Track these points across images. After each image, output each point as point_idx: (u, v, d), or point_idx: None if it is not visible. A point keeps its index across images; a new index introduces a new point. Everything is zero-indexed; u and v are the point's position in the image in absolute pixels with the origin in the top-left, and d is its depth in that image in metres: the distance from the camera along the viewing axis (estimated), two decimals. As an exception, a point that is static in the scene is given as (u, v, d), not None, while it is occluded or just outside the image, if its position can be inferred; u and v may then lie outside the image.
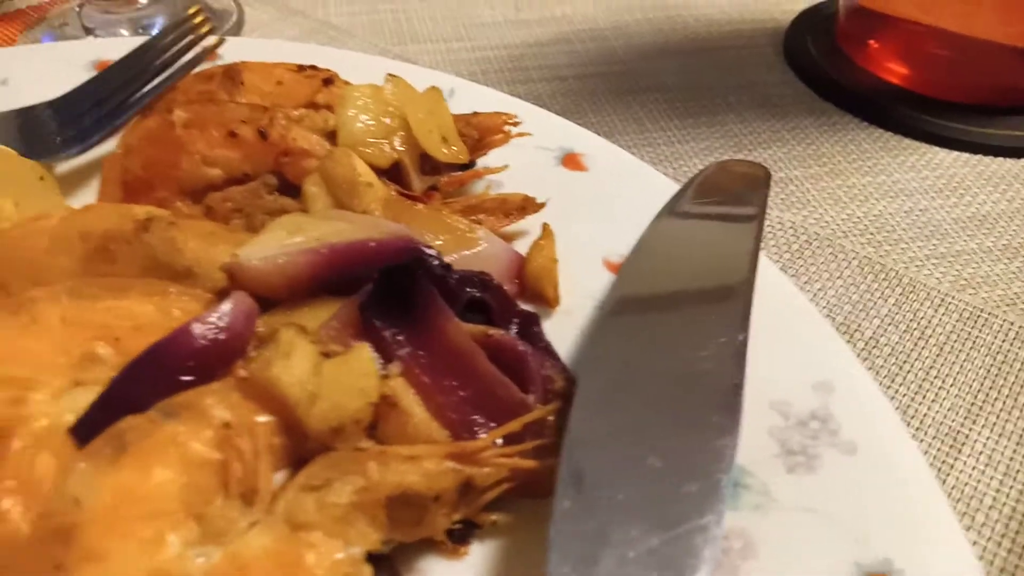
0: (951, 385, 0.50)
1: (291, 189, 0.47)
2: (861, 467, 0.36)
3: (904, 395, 0.49)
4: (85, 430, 0.36)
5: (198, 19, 0.61)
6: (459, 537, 0.38)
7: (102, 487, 0.32)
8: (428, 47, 0.84)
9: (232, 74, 0.54)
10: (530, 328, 0.44)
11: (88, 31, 0.85)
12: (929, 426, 0.48)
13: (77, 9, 0.87)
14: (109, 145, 0.57)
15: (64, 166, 0.57)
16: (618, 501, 0.32)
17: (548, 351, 0.43)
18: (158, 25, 0.85)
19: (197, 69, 0.57)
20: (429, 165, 0.49)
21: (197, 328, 0.37)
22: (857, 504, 0.34)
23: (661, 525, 0.31)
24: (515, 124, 0.51)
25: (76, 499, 0.32)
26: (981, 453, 0.46)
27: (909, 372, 0.51)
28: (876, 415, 0.37)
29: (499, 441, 0.37)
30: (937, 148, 0.70)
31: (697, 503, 0.32)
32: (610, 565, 0.30)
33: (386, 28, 0.88)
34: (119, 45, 0.64)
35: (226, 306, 0.38)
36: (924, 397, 0.49)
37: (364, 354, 0.36)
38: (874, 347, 0.52)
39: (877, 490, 0.35)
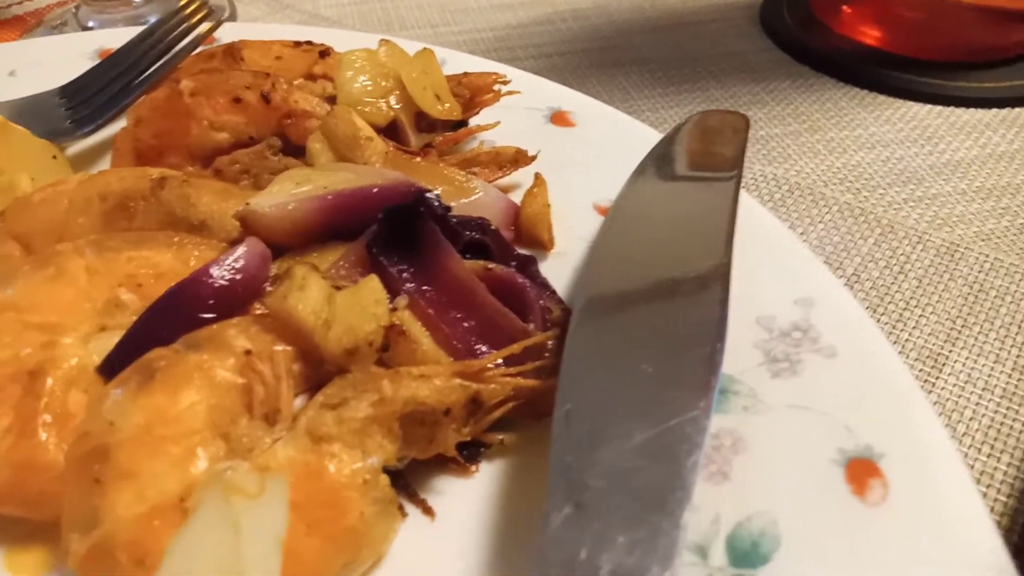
0: (930, 313, 0.53)
1: (294, 150, 0.49)
2: (841, 367, 0.38)
3: (887, 323, 0.52)
4: (112, 366, 0.38)
5: (195, 4, 0.64)
6: (469, 456, 0.40)
7: (134, 411, 0.35)
8: (416, 32, 0.87)
9: (232, 52, 0.57)
10: (527, 268, 0.46)
11: (85, 31, 0.87)
12: (911, 350, 0.50)
13: (74, 10, 0.89)
14: (114, 127, 0.60)
15: (73, 147, 0.60)
16: (614, 403, 0.34)
17: (545, 286, 0.45)
18: (152, 22, 0.87)
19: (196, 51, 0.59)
20: (425, 123, 0.51)
21: (215, 270, 0.39)
22: (839, 399, 0.37)
23: (654, 420, 0.33)
24: (504, 83, 0.54)
25: (111, 422, 0.35)
26: (960, 372, 0.49)
27: (890, 303, 0.53)
28: (853, 322, 0.40)
29: (502, 363, 0.40)
30: (911, 102, 0.72)
31: (686, 400, 0.34)
32: (609, 454, 0.32)
33: (374, 17, 0.90)
34: (120, 35, 0.67)
35: (241, 250, 0.40)
36: (905, 324, 0.52)
37: (374, 283, 0.38)
38: (856, 282, 0.55)
39: (857, 386, 0.37)
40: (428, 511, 0.38)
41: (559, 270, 0.48)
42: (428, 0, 0.93)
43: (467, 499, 0.39)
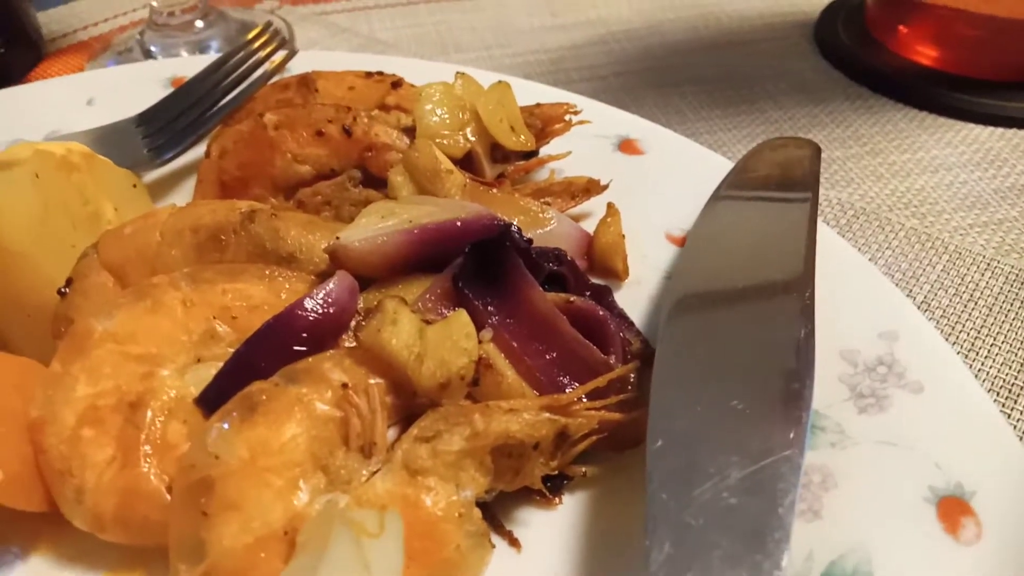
0: (1002, 342, 0.52)
1: (374, 182, 0.51)
2: (928, 404, 0.38)
3: (959, 352, 0.52)
4: (212, 398, 0.40)
5: (267, 35, 0.65)
6: (553, 488, 0.41)
7: (238, 444, 0.36)
8: (471, 55, 0.88)
9: (307, 82, 0.58)
10: (604, 299, 0.47)
11: (149, 55, 0.90)
12: (984, 380, 0.50)
13: (139, 36, 0.92)
14: (190, 155, 0.61)
15: (149, 175, 0.62)
16: (707, 438, 0.35)
17: (623, 317, 0.46)
18: (214, 47, 0.89)
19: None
20: (499, 154, 0.52)
21: (308, 304, 0.41)
22: (927, 436, 0.37)
23: (750, 457, 0.34)
24: (575, 113, 0.55)
25: (216, 455, 0.36)
26: (1037, 403, 0.49)
27: (961, 331, 0.53)
28: (939, 357, 0.40)
29: (585, 398, 0.40)
30: (972, 124, 0.72)
31: (781, 438, 0.34)
32: (706, 491, 0.33)
33: (429, 40, 0.92)
34: (194, 63, 0.68)
35: (331, 284, 0.42)
36: (977, 354, 0.52)
37: (463, 318, 0.39)
38: (926, 310, 0.54)
39: (945, 423, 0.37)
40: (515, 543, 0.39)
41: (633, 299, 0.49)
42: (482, 22, 0.94)
43: (551, 530, 0.40)
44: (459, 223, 0.44)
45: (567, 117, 0.55)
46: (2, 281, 0.47)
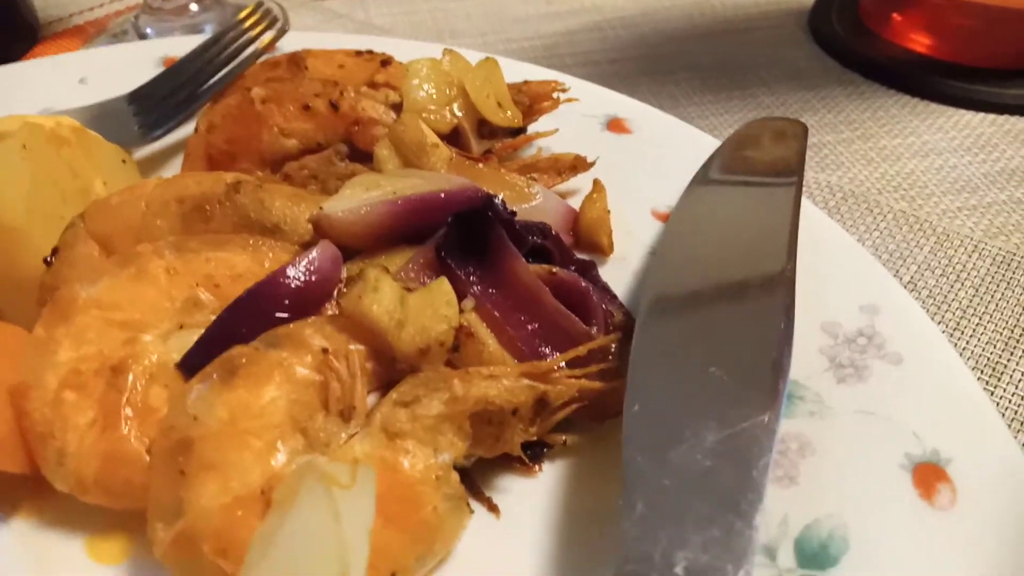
0: (988, 321, 0.52)
1: (360, 156, 0.51)
2: (907, 374, 0.38)
3: (944, 332, 0.52)
4: (192, 363, 0.40)
5: (258, 14, 0.66)
6: (533, 456, 0.41)
7: (218, 405, 0.36)
8: (466, 41, 0.88)
9: (297, 60, 0.58)
10: (588, 272, 0.47)
11: (144, 39, 0.90)
12: (969, 358, 0.50)
13: (134, 20, 0.92)
14: (180, 133, 0.61)
15: (140, 151, 0.62)
16: (684, 405, 0.35)
17: (606, 290, 0.46)
18: (209, 31, 0.89)
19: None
20: (486, 130, 0.53)
21: (291, 272, 0.41)
22: (905, 405, 0.37)
23: (725, 423, 0.34)
24: (563, 91, 0.55)
25: (195, 416, 0.36)
26: (1020, 381, 0.49)
27: (947, 311, 0.53)
28: (918, 329, 0.40)
29: (565, 366, 0.41)
30: (963, 110, 0.72)
31: (755, 404, 0.34)
32: (680, 454, 0.33)
33: (425, 26, 0.92)
34: (185, 43, 0.69)
35: (314, 252, 0.42)
36: (963, 333, 0.52)
37: (444, 285, 0.39)
38: (912, 290, 0.54)
39: (923, 392, 0.38)
40: (493, 508, 0.39)
41: (618, 274, 0.49)
42: (477, 9, 0.94)
43: (531, 498, 0.40)
44: (442, 194, 0.44)
45: (555, 95, 0.55)
46: (-8, 254, 0.47)
